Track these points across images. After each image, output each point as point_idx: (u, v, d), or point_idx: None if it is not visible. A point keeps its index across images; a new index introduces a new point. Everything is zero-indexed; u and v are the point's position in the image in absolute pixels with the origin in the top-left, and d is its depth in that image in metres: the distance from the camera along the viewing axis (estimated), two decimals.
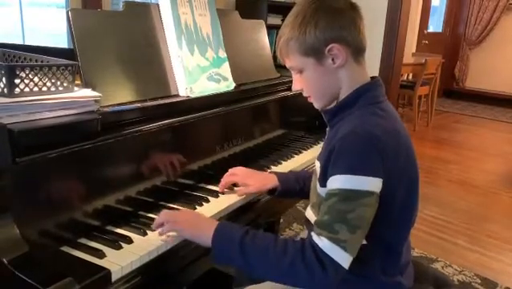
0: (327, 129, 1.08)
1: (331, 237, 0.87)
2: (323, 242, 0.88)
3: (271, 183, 1.30)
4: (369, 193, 0.89)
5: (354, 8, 1.01)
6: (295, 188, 1.29)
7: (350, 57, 0.99)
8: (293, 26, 1.00)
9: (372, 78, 1.06)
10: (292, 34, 1.00)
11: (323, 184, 0.97)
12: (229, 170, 1.31)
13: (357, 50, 1.01)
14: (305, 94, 1.07)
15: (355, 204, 0.89)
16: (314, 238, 0.89)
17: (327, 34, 0.97)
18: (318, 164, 1.04)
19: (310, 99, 1.08)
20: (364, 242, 0.97)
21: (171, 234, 1.02)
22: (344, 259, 0.88)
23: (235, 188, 1.31)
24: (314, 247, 0.88)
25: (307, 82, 1.04)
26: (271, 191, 1.31)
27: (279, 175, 1.32)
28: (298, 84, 1.06)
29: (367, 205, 0.90)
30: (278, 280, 0.96)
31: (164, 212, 1.05)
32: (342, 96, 1.03)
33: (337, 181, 0.91)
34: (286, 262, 0.89)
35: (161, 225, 1.01)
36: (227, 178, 1.30)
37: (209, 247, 0.96)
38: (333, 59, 0.99)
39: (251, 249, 0.92)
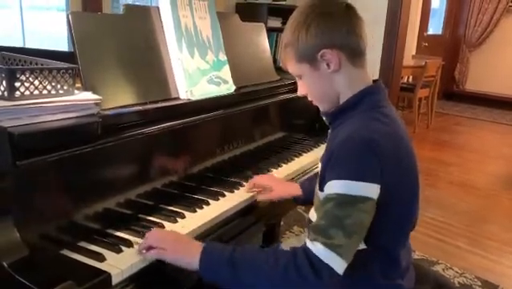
0: (329, 131, 1.08)
1: (325, 242, 0.86)
2: (316, 248, 0.86)
3: (294, 191, 1.33)
4: (366, 199, 0.88)
5: (349, 11, 1.00)
6: None
7: (346, 61, 0.99)
8: (288, 32, 1.02)
9: (374, 81, 1.05)
10: (287, 40, 1.02)
11: (321, 187, 0.97)
12: (256, 176, 1.36)
13: (353, 54, 0.99)
14: (309, 98, 1.08)
15: (351, 209, 0.88)
16: (308, 243, 0.88)
17: (318, 40, 0.97)
18: (320, 166, 1.04)
19: (315, 103, 1.08)
20: (364, 246, 0.97)
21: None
22: (339, 265, 0.86)
23: (254, 190, 1.33)
24: (308, 253, 0.86)
25: (307, 87, 1.05)
26: (295, 199, 1.34)
27: (302, 184, 1.35)
28: (302, 89, 1.07)
29: (364, 210, 0.89)
30: None
31: (150, 235, 0.99)
32: (342, 100, 1.02)
33: (334, 186, 0.90)
34: (279, 270, 0.87)
35: (148, 247, 0.97)
36: (255, 180, 1.33)
37: (197, 270, 0.92)
38: (328, 64, 0.98)
39: (241, 261, 0.90)
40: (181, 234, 1.05)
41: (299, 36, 0.98)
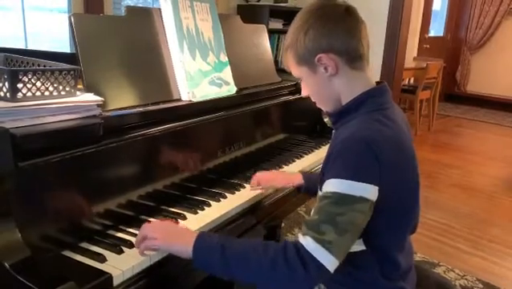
0: (333, 132, 1.09)
1: (316, 237, 0.86)
2: (307, 242, 0.86)
3: (297, 180, 1.37)
4: (363, 200, 0.88)
5: (350, 14, 1.00)
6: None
7: (343, 65, 0.99)
8: (290, 34, 1.03)
9: (378, 83, 1.05)
10: (288, 43, 1.03)
11: (321, 186, 0.97)
12: (258, 173, 1.39)
13: (352, 57, 0.99)
14: (312, 99, 1.09)
15: (346, 208, 0.87)
16: (300, 237, 0.88)
17: (316, 45, 0.98)
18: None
19: (318, 104, 1.09)
20: (363, 247, 0.98)
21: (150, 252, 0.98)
22: (328, 261, 0.85)
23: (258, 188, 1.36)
24: (298, 246, 0.86)
25: (308, 89, 1.06)
26: (299, 189, 1.39)
27: (304, 174, 1.39)
28: (305, 90, 1.08)
29: (360, 211, 0.88)
30: (260, 281, 0.92)
31: (144, 227, 0.99)
32: (344, 102, 1.03)
33: (331, 185, 0.90)
34: (268, 261, 0.87)
35: (142, 240, 0.97)
36: (258, 177, 1.36)
37: (190, 259, 0.92)
38: (325, 68, 0.99)
39: (231, 250, 0.90)
40: (173, 224, 1.06)
41: (298, 39, 0.99)
